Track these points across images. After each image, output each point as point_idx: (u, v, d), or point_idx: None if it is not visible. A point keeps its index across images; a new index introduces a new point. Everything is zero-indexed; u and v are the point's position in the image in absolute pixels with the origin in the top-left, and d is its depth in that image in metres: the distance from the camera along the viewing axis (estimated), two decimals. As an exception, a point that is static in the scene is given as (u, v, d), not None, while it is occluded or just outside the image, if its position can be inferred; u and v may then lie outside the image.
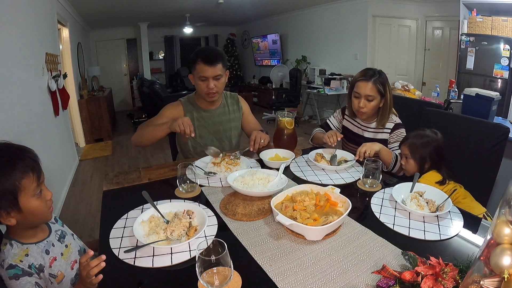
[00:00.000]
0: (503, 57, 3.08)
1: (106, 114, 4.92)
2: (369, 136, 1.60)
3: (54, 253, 0.87)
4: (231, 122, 1.68)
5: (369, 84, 1.47)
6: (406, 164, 1.42)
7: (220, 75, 1.47)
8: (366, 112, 1.52)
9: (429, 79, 4.78)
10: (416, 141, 1.39)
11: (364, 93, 1.48)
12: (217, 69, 1.44)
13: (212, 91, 1.48)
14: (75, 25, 4.98)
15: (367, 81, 1.47)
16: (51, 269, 0.84)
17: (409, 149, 1.40)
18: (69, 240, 0.96)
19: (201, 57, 1.43)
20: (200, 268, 0.63)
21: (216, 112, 1.63)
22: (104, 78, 6.92)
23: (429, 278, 0.64)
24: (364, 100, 1.49)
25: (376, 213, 1.00)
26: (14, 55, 2.21)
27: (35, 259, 0.81)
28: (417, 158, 1.38)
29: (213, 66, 1.43)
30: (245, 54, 8.57)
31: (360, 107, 1.50)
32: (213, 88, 1.47)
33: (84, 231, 2.40)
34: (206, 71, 1.43)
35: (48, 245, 0.87)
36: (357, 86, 1.51)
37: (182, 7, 5.41)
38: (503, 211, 0.49)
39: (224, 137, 1.66)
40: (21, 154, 0.80)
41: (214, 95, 1.51)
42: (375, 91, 1.47)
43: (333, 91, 5.11)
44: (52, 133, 3.01)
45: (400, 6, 4.67)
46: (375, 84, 1.46)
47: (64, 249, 0.91)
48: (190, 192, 1.14)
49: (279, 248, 0.83)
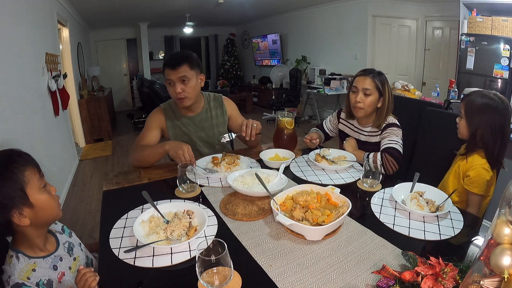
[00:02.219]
0: (503, 57, 3.08)
1: (106, 114, 4.92)
2: (364, 140, 1.56)
3: (62, 268, 0.85)
4: (215, 128, 1.60)
5: (368, 78, 1.44)
6: (459, 124, 1.25)
7: (185, 76, 1.40)
8: (363, 108, 1.46)
9: (429, 79, 4.78)
10: (477, 99, 1.18)
11: (361, 87, 1.44)
12: (181, 71, 1.39)
13: (180, 96, 1.42)
14: (75, 25, 4.99)
15: (365, 76, 1.45)
16: (61, 285, 0.82)
17: (465, 107, 1.21)
18: (77, 253, 0.94)
19: (166, 62, 1.42)
20: (200, 268, 0.63)
21: (197, 118, 1.57)
22: (104, 78, 6.92)
23: (429, 278, 0.64)
24: (361, 94, 1.44)
25: (376, 213, 1.00)
26: (14, 55, 2.21)
27: (43, 275, 0.79)
28: (469, 120, 1.19)
29: (176, 69, 1.38)
30: (245, 54, 8.57)
31: (357, 101, 1.45)
32: (180, 92, 1.40)
33: (84, 231, 2.40)
34: (169, 74, 1.40)
35: (56, 260, 0.84)
36: (355, 81, 1.49)
37: (182, 7, 5.41)
38: (503, 211, 0.49)
39: (210, 144, 1.61)
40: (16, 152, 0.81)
41: (183, 100, 1.44)
42: (373, 86, 1.43)
43: (333, 91, 5.11)
44: (52, 133, 3.01)
45: (400, 6, 4.67)
46: (374, 79, 1.44)
47: (72, 263, 0.90)
48: (190, 192, 1.14)
49: (279, 248, 0.83)
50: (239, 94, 7.09)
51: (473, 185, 1.20)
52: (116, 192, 1.18)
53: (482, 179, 1.19)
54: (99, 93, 5.46)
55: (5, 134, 1.86)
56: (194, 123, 1.57)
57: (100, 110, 4.84)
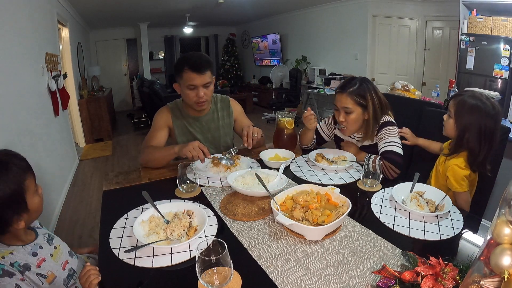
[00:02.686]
0: (503, 57, 3.08)
1: (106, 114, 4.92)
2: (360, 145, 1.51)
3: (42, 254, 0.87)
4: (221, 129, 1.61)
5: (345, 97, 1.35)
6: (446, 122, 1.25)
7: (209, 82, 1.41)
8: (347, 127, 1.40)
9: (429, 79, 4.78)
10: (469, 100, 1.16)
11: (340, 105, 1.37)
12: (206, 77, 1.39)
13: (202, 100, 1.42)
14: (75, 25, 4.98)
15: (342, 93, 1.36)
16: (40, 269, 0.84)
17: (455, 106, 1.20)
18: (57, 242, 0.95)
19: (188, 65, 1.36)
20: (200, 268, 0.63)
21: (204, 119, 1.57)
22: (104, 78, 6.92)
23: (429, 278, 0.64)
24: (343, 113, 1.38)
25: (376, 213, 1.00)
26: (14, 55, 2.21)
27: (20, 258, 0.80)
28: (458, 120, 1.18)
29: (202, 74, 1.37)
30: (245, 54, 8.57)
31: (341, 121, 1.40)
32: (203, 96, 1.40)
33: (84, 231, 2.40)
34: (194, 80, 1.37)
35: (35, 248, 0.86)
36: (335, 98, 1.41)
37: (182, 7, 5.42)
38: (503, 211, 0.49)
39: (215, 144, 1.61)
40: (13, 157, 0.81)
41: (204, 104, 1.45)
42: (352, 103, 1.34)
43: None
44: (52, 133, 3.01)
45: (400, 6, 4.67)
46: (351, 95, 1.34)
47: (54, 251, 0.91)
48: (190, 192, 1.14)
49: (279, 248, 0.83)
50: (239, 94, 7.09)
51: (455, 185, 1.21)
52: (116, 192, 1.18)
53: (460, 177, 1.19)
54: (99, 93, 5.46)
55: (5, 134, 1.87)
56: (201, 124, 1.57)
57: (100, 110, 4.84)
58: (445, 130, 1.27)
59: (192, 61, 1.37)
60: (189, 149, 1.23)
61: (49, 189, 2.53)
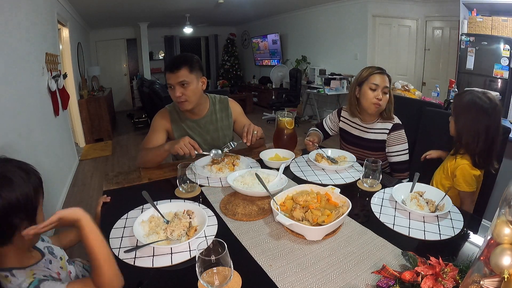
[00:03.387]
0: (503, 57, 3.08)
1: (106, 114, 4.91)
2: (366, 137, 1.58)
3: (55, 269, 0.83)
4: (219, 131, 1.61)
5: (385, 77, 1.48)
6: (450, 121, 1.26)
7: (184, 80, 1.38)
8: (382, 105, 1.49)
9: (429, 79, 4.78)
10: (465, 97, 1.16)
11: (382, 85, 1.46)
12: (180, 75, 1.37)
13: (180, 100, 1.41)
14: (75, 25, 4.98)
15: (383, 74, 1.48)
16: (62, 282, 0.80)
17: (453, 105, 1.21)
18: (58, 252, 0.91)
19: (166, 65, 1.42)
20: (200, 268, 0.63)
21: (202, 121, 1.57)
22: (104, 78, 6.92)
23: (429, 278, 0.64)
24: (381, 92, 1.47)
25: (376, 213, 1.00)
26: (14, 55, 2.21)
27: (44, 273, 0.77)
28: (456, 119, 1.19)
29: (175, 72, 1.37)
30: (245, 54, 8.57)
31: (378, 99, 1.46)
32: (180, 96, 1.39)
33: (84, 231, 2.40)
34: (169, 78, 1.39)
35: (47, 264, 0.83)
36: (373, 78, 1.48)
37: (182, 7, 5.41)
38: (503, 211, 0.49)
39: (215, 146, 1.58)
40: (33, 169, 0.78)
41: (184, 104, 1.43)
42: (389, 84, 1.48)
43: (333, 91, 5.11)
44: (52, 133, 3.01)
45: (400, 6, 4.67)
46: (388, 77, 1.49)
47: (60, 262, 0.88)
48: (190, 192, 1.14)
49: (279, 248, 0.83)
50: (239, 94, 7.09)
51: (463, 185, 1.20)
52: (116, 192, 1.18)
53: (470, 177, 1.19)
54: (99, 93, 5.46)
55: (5, 134, 1.87)
56: (199, 126, 1.57)
57: (100, 110, 4.84)
58: (450, 130, 1.28)
59: (170, 61, 1.42)
60: (180, 146, 1.26)
61: (49, 189, 2.53)
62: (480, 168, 1.22)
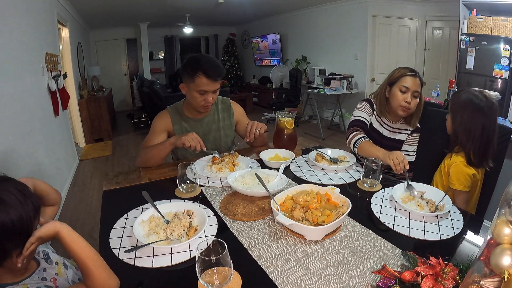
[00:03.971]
0: (503, 57, 3.08)
1: (106, 114, 4.91)
2: (387, 135, 1.56)
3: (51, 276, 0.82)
4: (221, 130, 1.62)
5: (417, 80, 1.43)
6: (447, 119, 1.27)
7: (218, 88, 1.44)
8: (411, 109, 1.45)
9: (429, 79, 4.77)
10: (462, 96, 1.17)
11: (413, 88, 1.41)
12: (218, 84, 1.42)
13: (209, 104, 1.45)
14: (75, 25, 4.98)
15: (415, 77, 1.43)
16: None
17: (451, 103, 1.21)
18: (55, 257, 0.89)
19: (203, 71, 1.34)
20: (200, 268, 0.63)
21: (204, 120, 1.57)
22: (104, 78, 6.92)
23: (429, 278, 0.64)
24: (411, 95, 1.42)
25: (376, 213, 1.00)
26: (14, 55, 2.21)
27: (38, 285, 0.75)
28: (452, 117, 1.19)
29: (216, 82, 1.39)
30: (245, 54, 8.57)
31: (407, 102, 1.42)
32: (211, 101, 1.43)
33: (84, 231, 2.40)
34: (207, 86, 1.37)
35: (41, 274, 0.80)
36: (404, 80, 1.43)
37: (182, 7, 5.41)
38: (503, 211, 0.49)
39: (217, 145, 1.61)
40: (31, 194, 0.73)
41: (209, 108, 1.49)
42: (420, 88, 1.44)
43: (333, 91, 5.11)
44: (52, 133, 3.01)
45: (400, 6, 4.67)
46: (420, 81, 1.44)
47: (56, 267, 0.86)
48: (190, 192, 1.14)
49: (279, 248, 0.83)
50: (239, 94, 7.09)
51: (455, 182, 1.20)
52: (116, 192, 1.18)
53: (463, 175, 1.19)
54: (99, 93, 5.45)
55: (5, 134, 1.87)
56: (201, 125, 1.57)
57: (100, 110, 4.84)
58: (447, 128, 1.28)
59: (208, 67, 1.35)
60: (187, 138, 1.29)
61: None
62: (475, 166, 1.21)
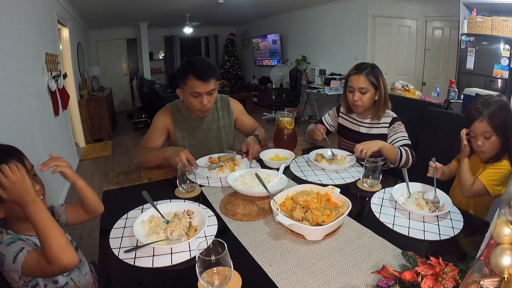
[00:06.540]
0: (503, 57, 3.08)
1: (106, 114, 4.91)
2: (365, 131, 1.58)
3: None
4: (222, 129, 1.61)
5: (361, 77, 1.46)
6: (485, 145, 1.11)
7: (213, 89, 1.38)
8: (362, 105, 1.50)
9: (429, 79, 4.78)
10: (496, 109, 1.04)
11: (357, 86, 1.47)
12: (211, 85, 1.35)
13: (206, 108, 1.40)
14: (75, 25, 4.98)
15: (359, 74, 1.47)
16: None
17: (491, 123, 1.05)
18: None
19: (193, 73, 1.31)
20: (200, 268, 0.63)
21: (204, 120, 1.56)
22: (104, 78, 6.92)
23: (429, 278, 0.64)
24: (358, 93, 1.48)
25: (376, 213, 1.00)
26: (14, 55, 2.21)
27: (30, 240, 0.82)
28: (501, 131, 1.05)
29: (207, 82, 1.33)
30: (245, 54, 8.56)
31: (355, 100, 1.50)
32: (206, 104, 1.37)
33: (84, 231, 2.40)
34: (199, 87, 1.33)
35: None
36: (350, 80, 1.51)
37: (182, 7, 5.41)
38: (503, 211, 0.49)
39: (218, 144, 1.61)
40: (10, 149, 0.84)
41: (208, 111, 1.45)
42: (368, 83, 1.46)
43: (333, 91, 5.11)
44: (52, 133, 3.01)
45: (400, 6, 4.67)
46: (367, 76, 1.46)
47: None
48: (190, 192, 1.14)
49: (279, 248, 0.83)
50: (239, 94, 7.08)
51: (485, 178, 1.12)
52: (116, 192, 1.18)
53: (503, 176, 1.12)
54: (99, 93, 5.45)
55: (5, 134, 1.86)
56: (202, 125, 1.56)
57: (100, 110, 4.84)
58: (486, 154, 1.14)
59: (197, 68, 1.33)
60: (176, 162, 1.18)
61: (49, 189, 2.52)
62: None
